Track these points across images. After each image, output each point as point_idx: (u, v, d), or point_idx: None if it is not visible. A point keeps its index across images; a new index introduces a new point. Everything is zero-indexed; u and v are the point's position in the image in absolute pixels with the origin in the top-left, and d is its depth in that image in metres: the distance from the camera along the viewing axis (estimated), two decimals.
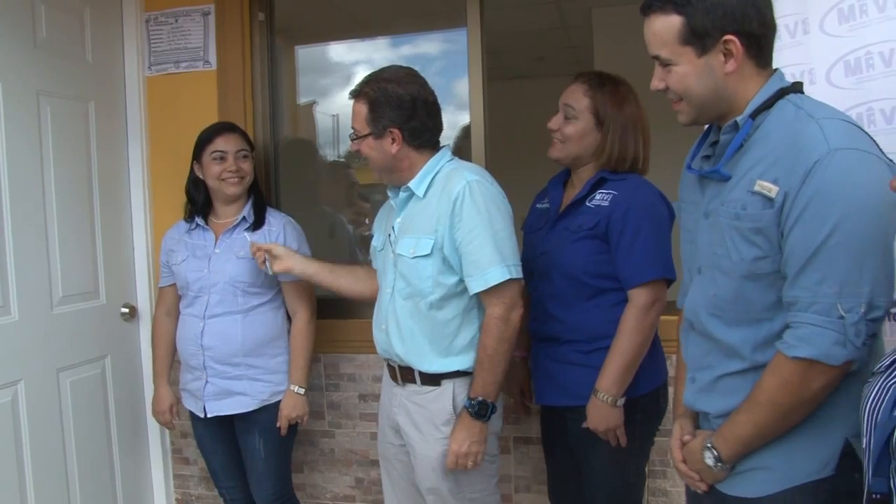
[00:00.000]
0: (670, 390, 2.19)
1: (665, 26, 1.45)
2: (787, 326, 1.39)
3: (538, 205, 2.38)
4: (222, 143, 2.58)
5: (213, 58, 3.05)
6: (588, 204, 2.17)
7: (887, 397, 1.13)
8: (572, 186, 2.28)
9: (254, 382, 2.59)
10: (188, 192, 2.68)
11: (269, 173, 3.13)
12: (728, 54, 1.43)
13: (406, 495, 2.31)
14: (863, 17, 1.83)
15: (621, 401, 2.09)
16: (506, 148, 3.07)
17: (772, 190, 1.37)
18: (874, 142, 1.40)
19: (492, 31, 2.92)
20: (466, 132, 3.02)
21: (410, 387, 2.19)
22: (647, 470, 2.36)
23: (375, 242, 2.37)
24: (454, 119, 3.47)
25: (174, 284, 2.72)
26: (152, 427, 3.16)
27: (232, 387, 2.58)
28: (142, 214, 3.12)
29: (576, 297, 2.15)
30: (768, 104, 1.45)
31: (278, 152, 3.22)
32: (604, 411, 2.08)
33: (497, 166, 2.83)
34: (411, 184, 2.17)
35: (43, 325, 2.66)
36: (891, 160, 1.37)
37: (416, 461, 2.19)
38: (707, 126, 1.62)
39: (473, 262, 2.06)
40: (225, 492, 2.77)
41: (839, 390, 1.39)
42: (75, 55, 2.86)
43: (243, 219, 2.62)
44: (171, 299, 2.75)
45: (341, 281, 2.46)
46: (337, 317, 2.93)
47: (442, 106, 2.23)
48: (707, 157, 1.58)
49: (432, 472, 2.15)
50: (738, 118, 1.46)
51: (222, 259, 2.59)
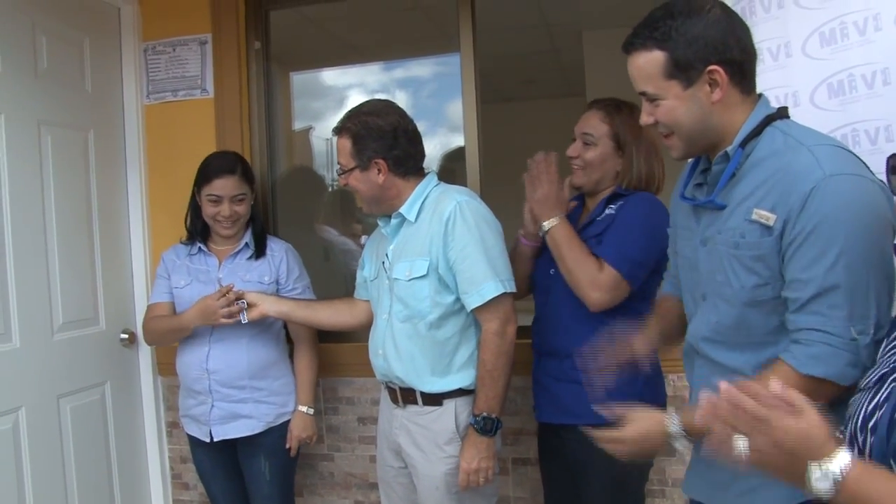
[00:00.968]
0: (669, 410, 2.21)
1: (649, 62, 1.47)
2: (795, 342, 1.40)
3: None
4: (219, 188, 2.58)
5: (210, 86, 3.09)
6: (598, 219, 2.21)
7: (885, 408, 1.11)
8: (586, 210, 2.32)
9: (259, 405, 2.60)
10: (189, 217, 2.70)
11: (266, 199, 3.16)
12: (713, 84, 1.45)
13: None
14: (844, 41, 1.87)
15: None
16: (497, 170, 3.11)
17: (770, 218, 1.39)
18: (864, 164, 1.42)
19: (482, 54, 2.95)
20: (459, 154, 3.06)
21: (412, 408, 2.22)
22: (645, 490, 2.37)
23: (367, 273, 2.40)
24: (447, 141, 3.51)
25: (171, 303, 2.69)
26: (152, 453, 3.17)
27: (238, 410, 2.59)
28: (140, 241, 3.14)
29: (581, 313, 2.15)
30: (756, 132, 1.47)
31: (275, 178, 3.25)
32: None
33: (489, 188, 2.88)
34: (402, 209, 2.22)
35: (43, 351, 2.67)
36: (882, 181, 1.39)
37: (419, 482, 2.21)
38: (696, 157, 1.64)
39: (468, 278, 2.11)
40: None
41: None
42: (75, 85, 2.90)
43: (246, 244, 2.66)
44: (163, 314, 2.70)
45: (320, 315, 2.52)
46: (335, 341, 2.95)
47: (434, 128, 2.28)
48: (699, 185, 1.60)
49: (435, 491, 2.17)
50: (729, 149, 1.48)
51: (238, 280, 2.59)
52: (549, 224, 2.13)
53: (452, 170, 3.23)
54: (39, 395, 2.64)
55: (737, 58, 1.46)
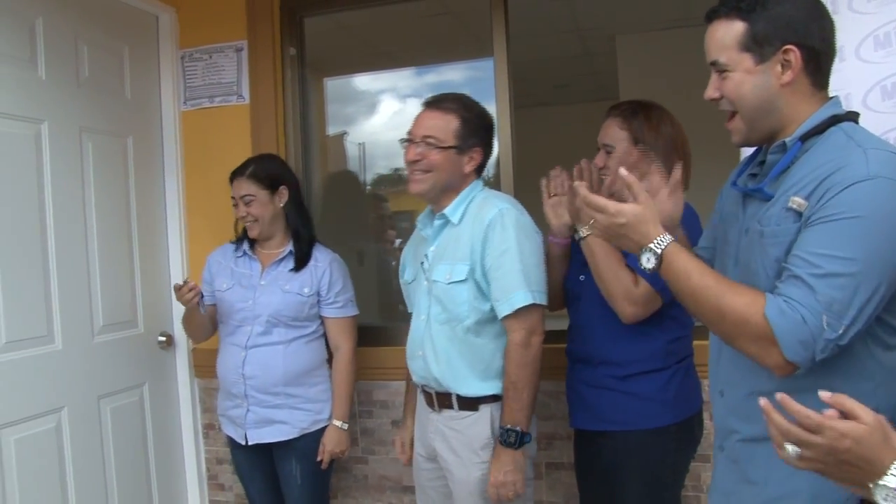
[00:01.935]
0: (705, 416, 2.19)
1: (727, 32, 1.46)
2: (776, 294, 1.37)
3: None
4: (233, 189, 2.64)
5: (246, 92, 3.13)
6: None
7: None
8: None
9: (294, 411, 2.60)
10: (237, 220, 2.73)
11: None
12: (786, 65, 1.43)
13: None
14: None
15: None
16: (530, 174, 3.11)
17: (802, 205, 1.37)
18: None
19: (515, 60, 2.96)
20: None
21: (447, 412, 2.21)
22: (681, 497, 2.36)
23: (407, 276, 2.40)
24: None
25: (212, 306, 2.72)
26: (188, 453, 3.22)
27: (272, 415, 2.60)
28: (177, 246, 3.20)
29: (612, 320, 2.13)
30: (819, 129, 1.44)
31: (310, 183, 3.28)
32: None
33: (521, 193, 2.88)
34: (447, 211, 2.21)
35: (85, 353, 2.73)
36: None
37: (454, 486, 2.21)
38: (756, 148, 1.61)
39: (500, 286, 2.10)
40: None
41: None
42: (115, 92, 2.96)
43: (290, 253, 2.64)
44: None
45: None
46: (370, 344, 2.97)
47: None
48: (753, 176, 1.57)
49: (469, 496, 2.17)
50: (787, 139, 1.45)
51: (268, 291, 2.61)
52: (585, 231, 2.10)
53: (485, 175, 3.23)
54: (81, 396, 2.70)
55: (816, 46, 1.44)
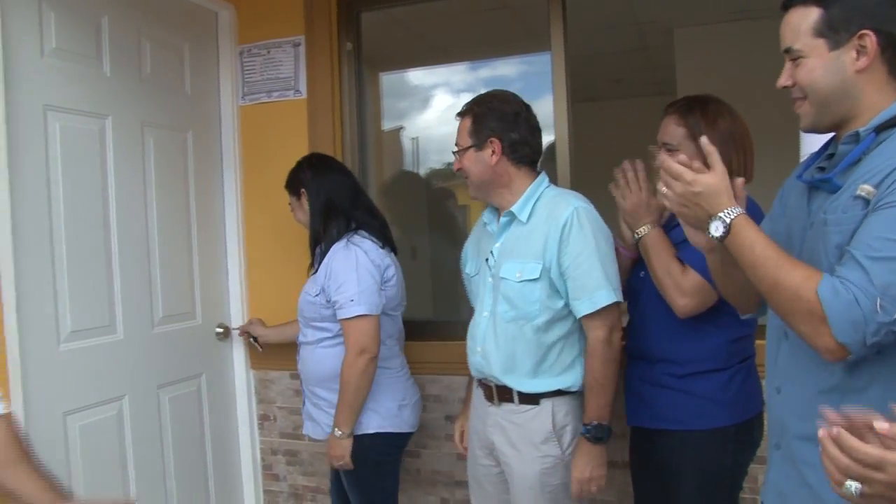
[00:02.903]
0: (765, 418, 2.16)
1: (802, 18, 1.44)
2: (833, 276, 1.35)
3: None
4: None
5: (303, 87, 3.16)
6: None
7: None
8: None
9: (323, 412, 2.61)
10: None
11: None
12: (861, 50, 1.40)
13: None
14: None
15: None
16: (585, 170, 3.08)
17: (871, 193, 1.34)
18: None
19: (571, 54, 2.94)
20: (543, 154, 3.04)
21: (507, 406, 2.21)
22: (739, 500, 2.32)
23: (468, 269, 2.41)
24: None
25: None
26: (244, 444, 3.27)
27: (311, 412, 2.65)
28: (235, 239, 3.24)
29: (672, 317, 2.12)
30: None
31: (366, 177, 3.30)
32: None
33: (577, 189, 2.85)
34: (514, 208, 2.21)
35: (145, 343, 2.79)
36: None
37: (513, 481, 2.21)
38: (826, 142, 1.58)
39: (581, 285, 2.10)
40: None
41: None
42: (175, 88, 3.02)
43: (319, 252, 2.63)
44: None
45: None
46: (424, 339, 2.97)
47: None
48: (821, 169, 1.54)
49: (529, 490, 2.17)
50: (861, 129, 1.42)
51: (302, 291, 2.66)
52: (642, 231, 2.12)
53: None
54: (141, 385, 2.76)
55: (894, 32, 1.40)
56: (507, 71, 4.11)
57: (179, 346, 2.97)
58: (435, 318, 3.42)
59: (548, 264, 2.13)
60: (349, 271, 2.47)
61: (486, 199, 2.29)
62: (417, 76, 4.33)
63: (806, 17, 1.43)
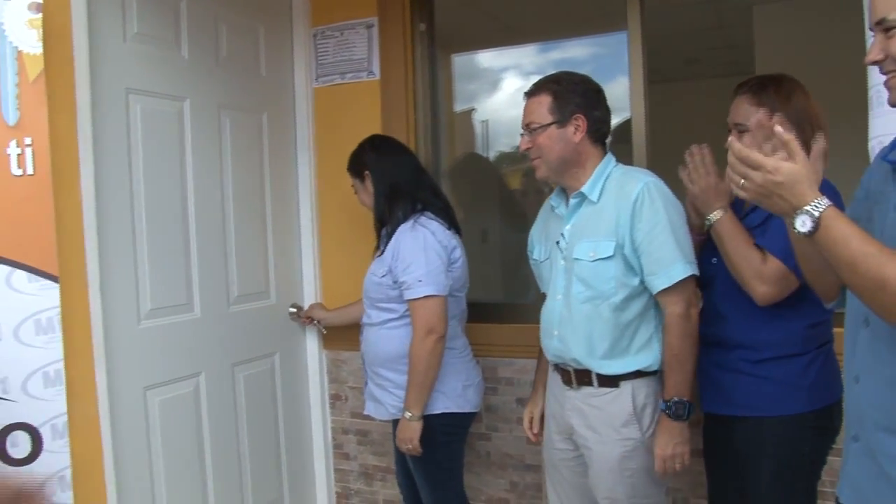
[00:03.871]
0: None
1: None
2: None
3: None
4: None
5: (376, 68, 3.16)
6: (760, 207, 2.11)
7: None
8: None
9: (387, 393, 2.61)
10: None
11: None
12: None
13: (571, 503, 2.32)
14: None
15: None
16: (660, 151, 3.02)
17: None
18: None
19: (646, 33, 2.89)
20: (617, 136, 3.00)
21: (586, 389, 2.19)
22: (818, 490, 2.25)
23: (536, 255, 2.39)
24: None
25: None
26: (316, 422, 3.32)
27: (375, 392, 2.65)
28: (308, 219, 3.28)
29: (747, 302, 2.07)
30: None
31: (440, 159, 3.30)
32: None
33: (653, 170, 2.80)
34: (584, 189, 2.19)
35: (221, 321, 2.84)
36: None
37: (593, 465, 2.19)
38: None
39: (656, 259, 2.07)
40: (400, 486, 2.84)
41: None
42: (251, 70, 3.06)
43: (386, 234, 2.63)
44: None
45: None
46: (495, 321, 2.97)
47: None
48: None
49: (609, 473, 2.15)
50: None
51: (368, 272, 2.67)
52: (713, 217, 2.07)
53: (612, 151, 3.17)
54: (217, 363, 2.82)
55: None
56: (578, 53, 4.04)
57: (254, 325, 3.02)
58: (506, 301, 3.41)
59: (621, 241, 2.10)
60: (417, 252, 2.48)
61: (559, 180, 2.25)
62: (487, 58, 4.29)
63: None
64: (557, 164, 2.19)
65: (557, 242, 2.25)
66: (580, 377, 2.20)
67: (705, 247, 2.21)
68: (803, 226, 1.33)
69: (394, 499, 3.15)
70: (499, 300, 3.49)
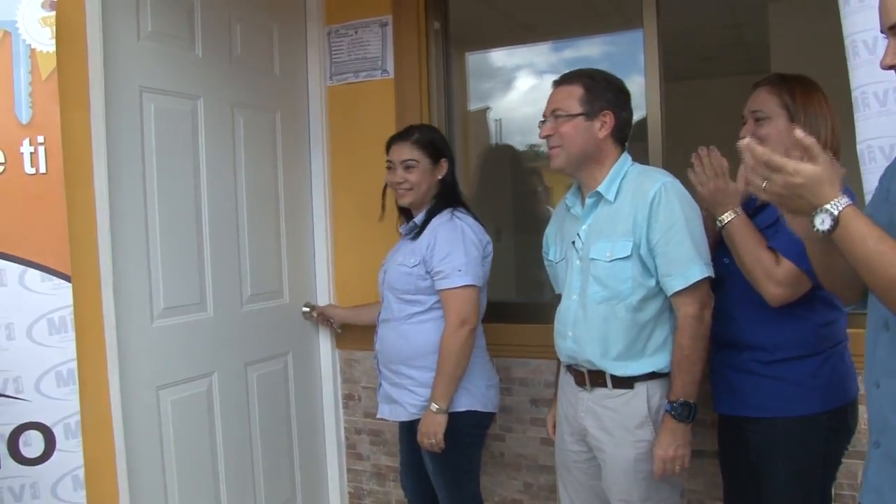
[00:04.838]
0: (861, 409, 2.06)
1: None
2: None
3: None
4: (392, 153, 2.61)
5: (390, 66, 3.15)
6: (771, 206, 2.08)
7: None
8: None
9: (407, 392, 2.57)
10: None
11: None
12: None
13: None
14: None
15: None
16: (675, 149, 3.00)
17: None
18: None
19: (661, 31, 2.87)
20: (632, 135, 2.97)
21: (600, 391, 2.18)
22: (833, 493, 2.23)
23: (552, 255, 2.37)
24: None
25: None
26: (328, 422, 3.31)
27: (391, 393, 2.62)
28: (322, 218, 3.26)
29: (759, 303, 2.06)
30: None
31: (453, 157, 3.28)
32: None
33: (668, 169, 2.77)
34: (600, 188, 2.17)
35: (234, 321, 2.84)
36: None
37: (606, 467, 2.18)
38: None
39: (672, 260, 2.06)
40: (405, 489, 2.81)
41: None
42: (264, 69, 3.05)
43: (415, 223, 2.61)
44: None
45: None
46: (509, 321, 2.95)
47: None
48: None
49: (623, 475, 2.14)
50: None
51: (391, 263, 2.64)
52: (725, 219, 2.06)
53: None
54: (230, 362, 2.81)
55: None
56: (593, 51, 4.03)
57: (267, 325, 3.01)
58: (520, 300, 3.39)
59: (637, 241, 2.09)
60: (456, 241, 2.48)
61: (574, 173, 2.24)
62: (500, 57, 4.28)
63: None
64: (578, 155, 2.17)
65: (573, 242, 2.24)
66: (594, 378, 2.19)
67: (717, 247, 2.20)
68: (822, 224, 1.32)
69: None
70: (512, 299, 3.47)
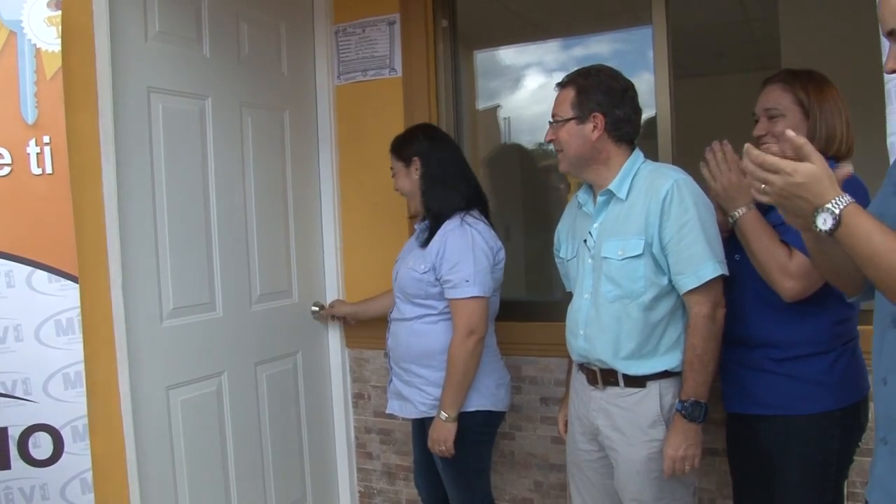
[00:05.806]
0: (871, 406, 2.05)
1: None
2: None
3: None
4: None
5: (398, 65, 3.14)
6: None
7: None
8: None
9: (415, 390, 2.58)
10: None
11: None
12: None
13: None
14: None
15: None
16: (686, 147, 2.99)
17: None
18: None
19: (671, 28, 2.86)
20: (643, 132, 2.96)
21: (612, 389, 2.17)
22: (846, 490, 2.21)
23: (563, 253, 2.36)
24: None
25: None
26: (338, 421, 3.31)
27: (402, 390, 2.62)
28: (331, 218, 3.26)
29: (772, 300, 2.05)
30: None
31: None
32: None
33: (679, 166, 2.76)
34: (611, 186, 2.16)
35: (243, 321, 2.84)
36: None
37: (619, 466, 2.17)
38: None
39: (685, 258, 2.04)
40: (418, 488, 2.82)
41: None
42: (272, 68, 3.04)
43: (426, 226, 2.60)
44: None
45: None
46: (518, 319, 2.94)
47: None
48: None
49: (636, 475, 2.12)
50: None
51: (403, 266, 2.63)
52: (738, 214, 2.04)
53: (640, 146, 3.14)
54: (239, 362, 2.81)
55: None
56: (602, 49, 4.00)
57: (276, 324, 3.01)
58: (530, 299, 3.38)
59: (650, 239, 2.07)
60: (465, 251, 2.45)
61: (579, 175, 2.24)
62: (509, 55, 4.26)
63: None
64: (576, 158, 2.18)
65: (585, 241, 2.22)
66: (606, 377, 2.17)
67: (728, 243, 2.19)
68: (825, 224, 1.31)
69: (417, 498, 3.13)
70: (522, 297, 3.46)
